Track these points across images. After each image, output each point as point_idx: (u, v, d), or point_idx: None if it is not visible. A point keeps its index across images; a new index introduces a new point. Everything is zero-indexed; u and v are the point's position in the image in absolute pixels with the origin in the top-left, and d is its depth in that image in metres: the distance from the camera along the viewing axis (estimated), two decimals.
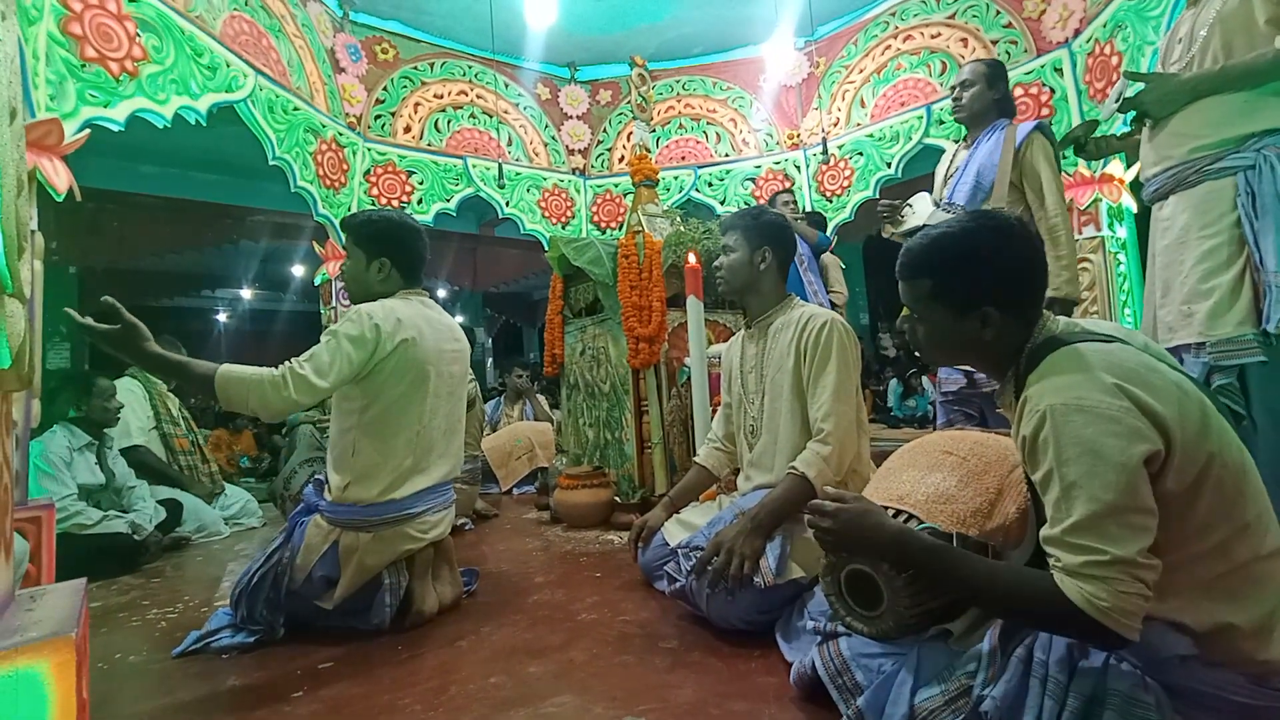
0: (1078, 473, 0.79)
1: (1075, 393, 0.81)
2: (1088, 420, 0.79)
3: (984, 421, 2.30)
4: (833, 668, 1.06)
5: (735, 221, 1.78)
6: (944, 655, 0.96)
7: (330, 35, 3.99)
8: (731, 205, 4.82)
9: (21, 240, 0.75)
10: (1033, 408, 0.84)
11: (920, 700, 0.92)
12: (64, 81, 2.22)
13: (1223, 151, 1.52)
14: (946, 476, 1.14)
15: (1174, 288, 1.61)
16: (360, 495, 1.61)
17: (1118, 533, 0.77)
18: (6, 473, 0.73)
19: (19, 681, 0.55)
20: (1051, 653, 0.85)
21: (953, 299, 0.96)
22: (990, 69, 2.29)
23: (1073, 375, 0.83)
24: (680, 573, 1.59)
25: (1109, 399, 0.80)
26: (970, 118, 2.29)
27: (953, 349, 1.02)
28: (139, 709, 1.28)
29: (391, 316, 1.66)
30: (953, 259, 0.96)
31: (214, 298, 9.39)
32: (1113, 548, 0.76)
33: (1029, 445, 0.85)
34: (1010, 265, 0.94)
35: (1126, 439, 0.78)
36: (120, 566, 2.48)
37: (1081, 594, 0.77)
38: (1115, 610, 0.75)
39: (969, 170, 2.24)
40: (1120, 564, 0.76)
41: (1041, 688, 0.83)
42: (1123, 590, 0.76)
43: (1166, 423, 0.79)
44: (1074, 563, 0.79)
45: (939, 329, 0.99)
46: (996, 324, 0.94)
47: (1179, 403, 0.81)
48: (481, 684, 1.30)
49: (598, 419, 3.14)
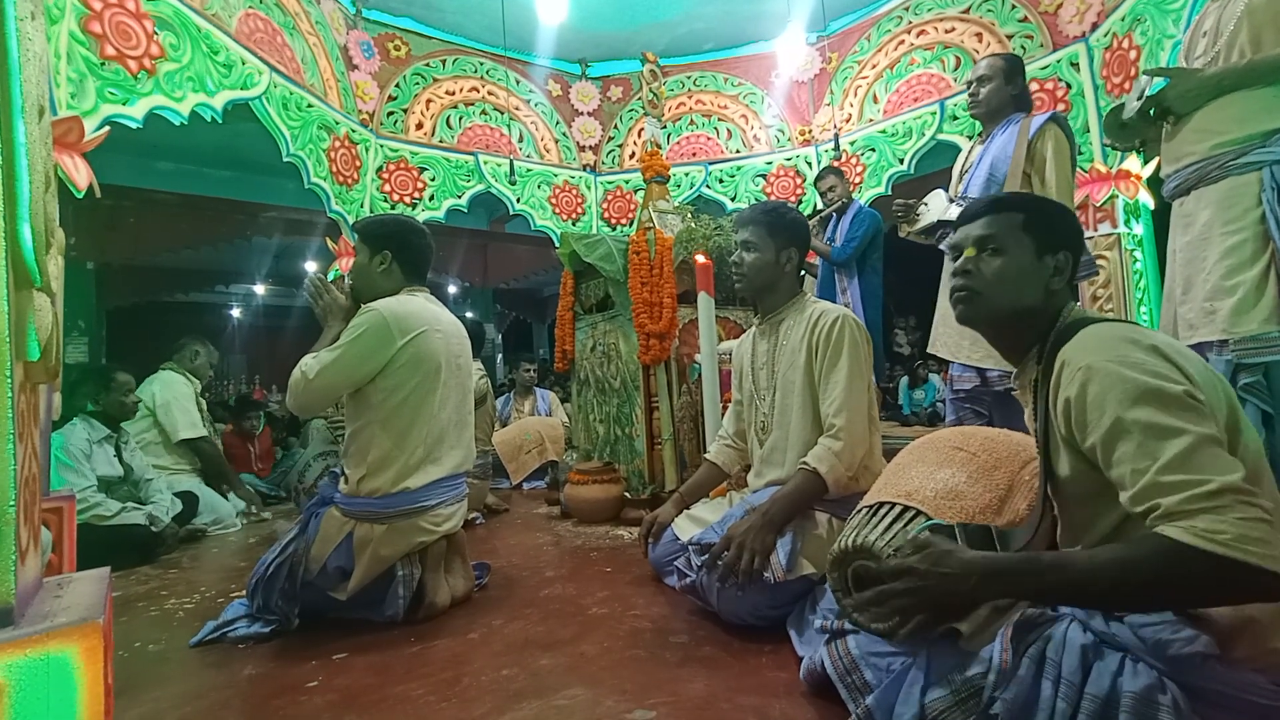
0: (1145, 412, 0.77)
1: (1117, 351, 0.82)
2: (1135, 371, 0.80)
3: (993, 421, 2.29)
4: (841, 666, 1.05)
5: (757, 218, 1.73)
6: (955, 655, 0.94)
7: (343, 32, 4.01)
8: (742, 202, 4.80)
9: (49, 236, 0.76)
10: (1073, 368, 0.85)
11: (930, 700, 0.90)
12: (84, 80, 2.25)
13: (1247, 147, 1.49)
14: (956, 472, 1.12)
15: (1196, 284, 1.59)
16: (375, 486, 1.64)
17: (1213, 463, 0.72)
18: (35, 463, 0.75)
19: (50, 665, 0.56)
20: (1065, 654, 0.83)
21: (1040, 234, 1.00)
22: (1008, 64, 2.25)
23: (1111, 340, 0.85)
24: (691, 568, 1.59)
25: (1150, 358, 0.81)
26: (987, 113, 2.26)
27: (1015, 290, 1.00)
28: (158, 696, 1.31)
29: (400, 310, 1.69)
30: (1048, 204, 1.06)
31: (228, 293, 9.47)
32: (1215, 475, 0.71)
33: (1076, 406, 0.84)
34: (1081, 240, 1.04)
35: (1177, 382, 0.78)
36: (138, 557, 2.52)
37: (1195, 533, 0.68)
38: (1242, 540, 0.66)
39: (983, 164, 2.21)
40: (1229, 491, 0.69)
41: (1054, 689, 0.81)
42: (1240, 517, 0.67)
43: (1199, 383, 0.80)
44: (1175, 502, 0.71)
45: (1016, 262, 0.99)
46: (1065, 274, 0.99)
47: (1207, 373, 0.83)
48: (493, 676, 1.31)
49: (608, 415, 3.15)
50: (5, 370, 0.59)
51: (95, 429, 2.73)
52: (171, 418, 3.19)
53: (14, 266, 0.62)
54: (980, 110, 2.27)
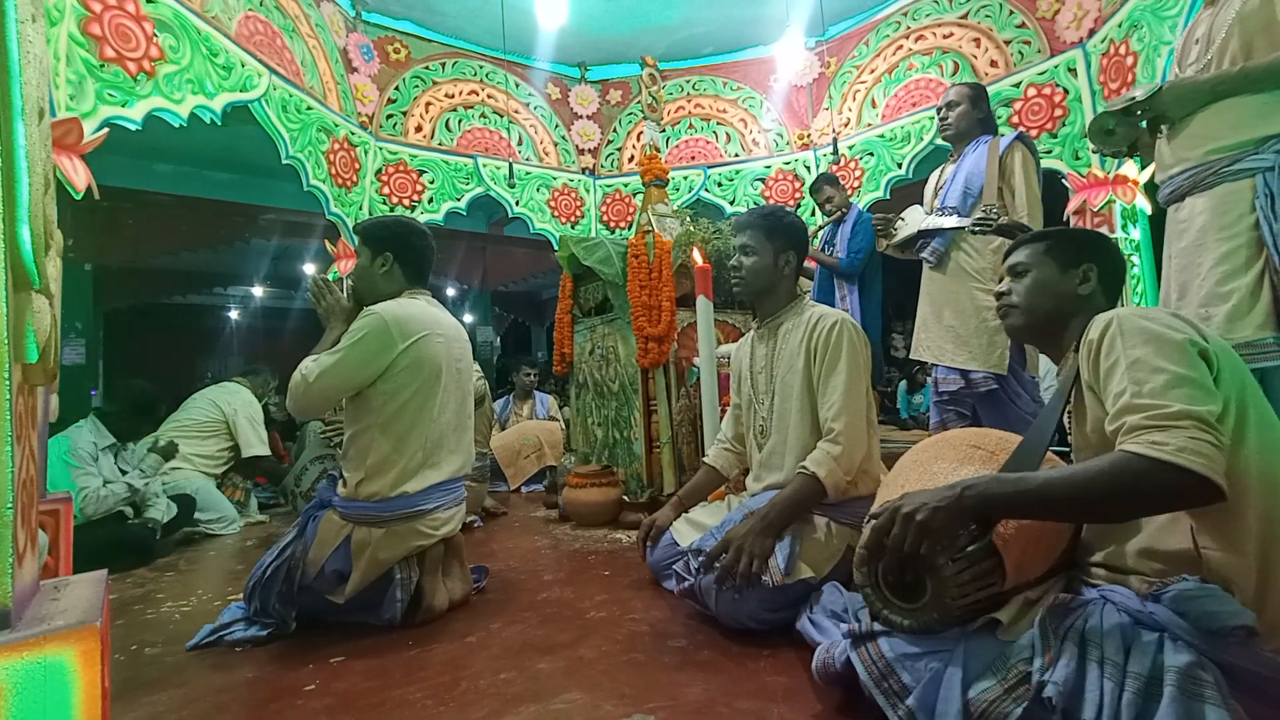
0: (1142, 351, 0.88)
1: (1140, 310, 0.97)
2: (1151, 320, 0.93)
3: (977, 421, 2.32)
4: (876, 671, 1.00)
5: (755, 221, 1.74)
6: (994, 646, 0.92)
7: (343, 35, 4.02)
8: (741, 205, 4.81)
9: (48, 237, 0.76)
10: (1101, 319, 0.97)
11: (976, 694, 0.89)
12: (83, 81, 2.25)
13: (1241, 153, 1.50)
14: (979, 470, 1.11)
15: (1191, 290, 1.59)
16: (374, 490, 1.63)
17: (1181, 395, 0.81)
18: (33, 465, 0.74)
19: (47, 668, 0.56)
20: (1105, 635, 0.84)
21: (1061, 254, 1.17)
22: (974, 91, 2.48)
23: (1140, 307, 0.97)
24: (689, 572, 1.59)
25: (1170, 316, 0.94)
26: (956, 135, 2.47)
27: (1045, 298, 1.17)
28: (155, 699, 1.30)
29: (401, 314, 1.69)
30: (1068, 231, 1.22)
31: (226, 295, 9.46)
32: (1178, 403, 0.80)
33: (1094, 348, 0.96)
34: (1107, 250, 1.19)
35: (1184, 333, 0.90)
36: (136, 560, 2.51)
37: (1147, 444, 0.78)
38: (1184, 450, 0.75)
39: (958, 179, 2.38)
40: (1189, 416, 0.78)
41: (1099, 669, 0.82)
42: (1190, 436, 0.76)
43: (1214, 348, 0.89)
44: (1137, 420, 0.81)
45: (1040, 278, 1.17)
46: (1093, 282, 1.14)
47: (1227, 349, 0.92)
48: (491, 679, 1.31)
49: (606, 418, 3.15)
50: (4, 372, 0.59)
51: (102, 435, 2.73)
52: (248, 436, 3.43)
53: (13, 268, 0.62)
54: (950, 133, 2.49)
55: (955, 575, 0.95)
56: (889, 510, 0.98)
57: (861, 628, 1.06)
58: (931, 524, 0.92)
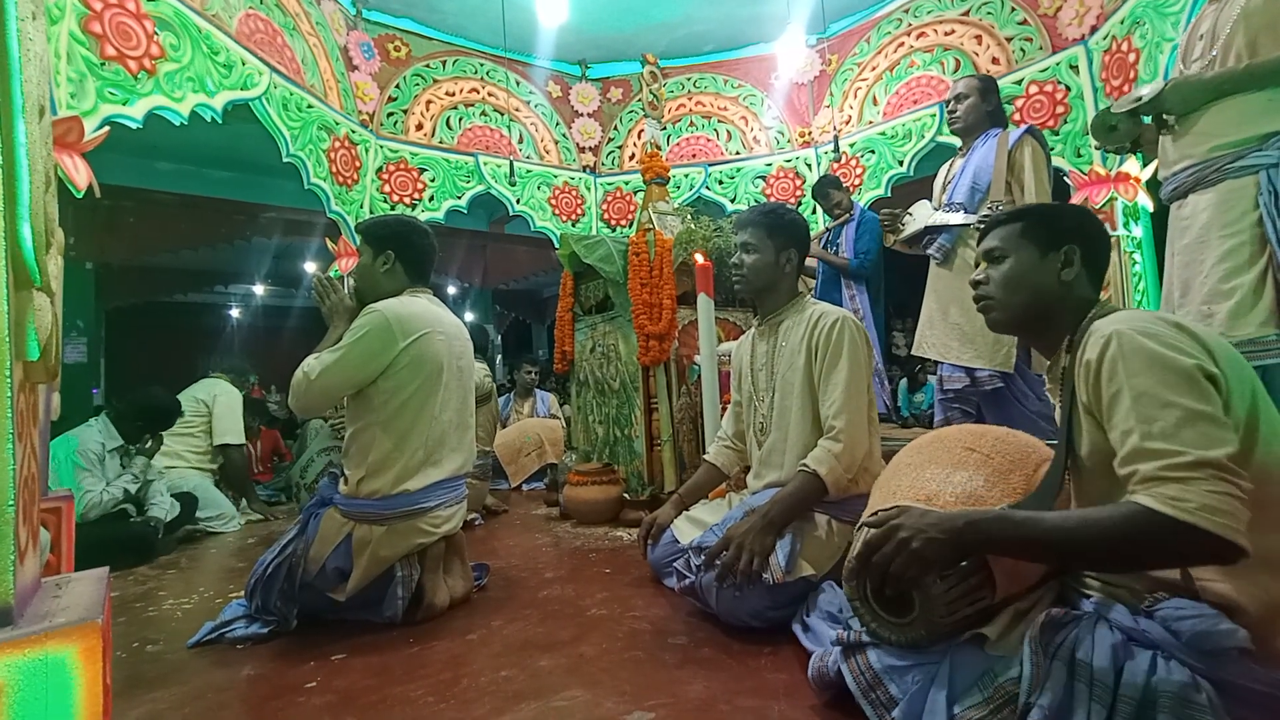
0: (1148, 381, 0.81)
1: (1140, 323, 0.87)
2: (1154, 341, 0.84)
3: (981, 419, 2.31)
4: (864, 681, 1.00)
5: (756, 219, 1.74)
6: (981, 661, 0.91)
7: (343, 33, 4.02)
8: (742, 203, 4.81)
9: (49, 235, 0.76)
10: (1098, 336, 0.89)
11: (961, 710, 0.87)
12: (84, 79, 2.25)
13: (1244, 150, 1.50)
14: (973, 475, 1.10)
15: (1194, 287, 1.59)
16: (375, 488, 1.64)
17: (1196, 437, 0.75)
18: (34, 463, 0.74)
19: (48, 666, 0.56)
20: (1095, 655, 0.81)
21: (1039, 235, 1.06)
22: (983, 83, 2.43)
23: (1139, 314, 0.90)
24: (690, 569, 1.59)
25: (1172, 331, 0.86)
26: (965, 129, 2.43)
27: (1029, 288, 1.07)
28: (157, 696, 1.30)
29: (403, 312, 1.69)
30: (1041, 208, 1.11)
31: (227, 294, 9.46)
32: (1193, 449, 0.73)
33: (1094, 368, 0.88)
34: (1091, 228, 1.08)
35: (1191, 356, 0.82)
36: (137, 558, 2.52)
37: (1164, 500, 0.71)
38: (1205, 509, 0.69)
39: (966, 173, 2.35)
40: (1203, 465, 0.72)
41: (1088, 691, 0.79)
42: (1209, 489, 0.71)
43: (1222, 364, 0.82)
44: (1151, 469, 0.75)
45: (1019, 264, 1.07)
46: (1076, 265, 1.03)
47: (1234, 358, 0.85)
48: (492, 677, 1.31)
49: (607, 416, 3.15)
50: (5, 370, 0.59)
51: (112, 437, 2.74)
52: (223, 422, 3.41)
53: (14, 266, 0.62)
54: (959, 125, 2.44)
55: (944, 593, 0.94)
56: (885, 528, 0.95)
57: (850, 637, 1.06)
58: (925, 553, 0.89)
